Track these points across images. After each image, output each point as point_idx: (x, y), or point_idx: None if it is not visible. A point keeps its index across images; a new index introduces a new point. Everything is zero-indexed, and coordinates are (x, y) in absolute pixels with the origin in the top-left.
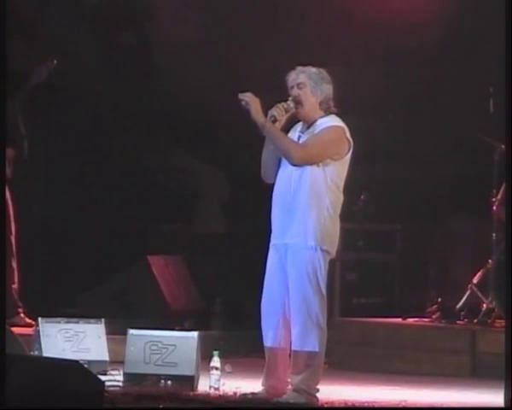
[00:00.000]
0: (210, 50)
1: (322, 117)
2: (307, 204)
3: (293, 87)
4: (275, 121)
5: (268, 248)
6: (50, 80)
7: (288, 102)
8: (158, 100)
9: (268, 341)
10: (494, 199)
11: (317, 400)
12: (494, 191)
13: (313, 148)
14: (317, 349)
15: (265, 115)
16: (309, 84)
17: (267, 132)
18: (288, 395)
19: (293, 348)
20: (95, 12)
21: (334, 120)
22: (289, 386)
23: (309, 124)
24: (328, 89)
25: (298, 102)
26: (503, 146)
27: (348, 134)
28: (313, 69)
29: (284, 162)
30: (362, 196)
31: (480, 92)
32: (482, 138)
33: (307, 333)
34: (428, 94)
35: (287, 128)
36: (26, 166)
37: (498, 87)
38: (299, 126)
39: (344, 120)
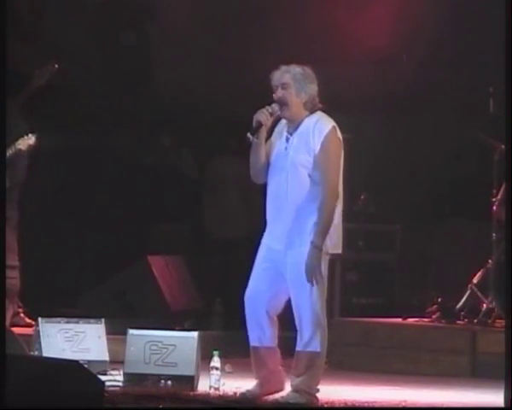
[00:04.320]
0: (210, 50)
1: (308, 116)
2: (304, 206)
3: (277, 87)
4: (260, 126)
5: None
6: (51, 80)
7: (273, 106)
8: (158, 99)
9: (257, 340)
10: (494, 199)
11: (318, 400)
12: (494, 191)
13: (334, 174)
14: (318, 349)
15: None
16: (293, 84)
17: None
18: (288, 396)
19: (296, 348)
20: (95, 12)
21: (323, 120)
22: (282, 377)
23: (295, 124)
24: (312, 88)
25: (283, 104)
26: (503, 146)
27: (339, 132)
28: (297, 68)
29: (277, 165)
30: (362, 196)
31: (480, 92)
32: (482, 138)
33: (310, 334)
34: (428, 94)
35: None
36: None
37: (498, 87)
38: (284, 126)
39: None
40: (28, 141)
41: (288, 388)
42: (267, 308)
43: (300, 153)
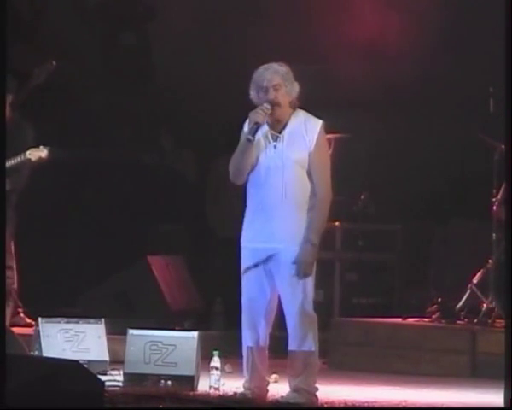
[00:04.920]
0: (210, 50)
1: (292, 114)
2: (302, 203)
3: (268, 88)
4: (258, 127)
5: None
6: (50, 80)
7: (266, 105)
8: (158, 99)
9: (252, 341)
10: (494, 199)
11: (317, 399)
12: (494, 191)
13: (328, 171)
14: (313, 349)
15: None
16: (283, 84)
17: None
18: (288, 396)
19: (290, 349)
20: (95, 12)
21: (311, 118)
22: (268, 382)
23: (282, 122)
24: (297, 86)
25: (275, 104)
26: (503, 146)
27: None
28: (284, 68)
29: (269, 164)
30: (362, 196)
31: (480, 92)
32: (482, 138)
33: (304, 334)
34: (429, 94)
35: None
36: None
37: (498, 87)
38: (264, 126)
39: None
40: (40, 153)
41: (286, 388)
42: (266, 313)
43: (295, 151)
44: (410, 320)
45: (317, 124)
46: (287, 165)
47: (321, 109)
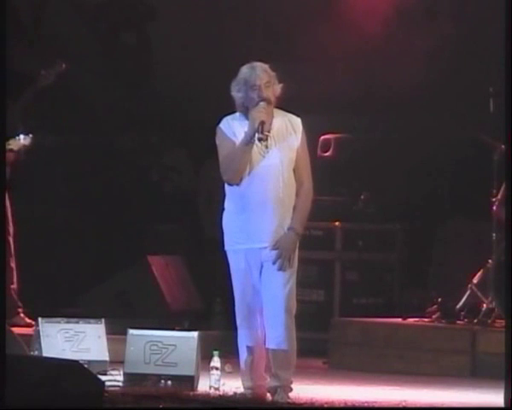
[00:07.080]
0: (210, 51)
1: (275, 112)
2: (293, 201)
3: (260, 86)
4: (263, 125)
5: None
6: (56, 81)
7: (262, 104)
8: (158, 100)
9: (251, 341)
10: (494, 199)
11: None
12: (494, 191)
13: (310, 168)
14: (295, 348)
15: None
16: (271, 82)
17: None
18: (279, 395)
19: (273, 347)
20: (95, 13)
21: (292, 116)
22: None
23: (268, 121)
24: (279, 85)
25: (268, 102)
26: (503, 146)
27: None
28: (267, 66)
29: (265, 163)
30: (362, 196)
31: (480, 92)
32: (482, 138)
33: (289, 332)
34: (428, 94)
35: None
36: (25, 166)
37: (498, 87)
38: (244, 127)
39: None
40: (21, 142)
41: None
42: (261, 310)
43: (288, 148)
44: (410, 320)
45: (298, 120)
46: (282, 163)
47: (321, 109)
